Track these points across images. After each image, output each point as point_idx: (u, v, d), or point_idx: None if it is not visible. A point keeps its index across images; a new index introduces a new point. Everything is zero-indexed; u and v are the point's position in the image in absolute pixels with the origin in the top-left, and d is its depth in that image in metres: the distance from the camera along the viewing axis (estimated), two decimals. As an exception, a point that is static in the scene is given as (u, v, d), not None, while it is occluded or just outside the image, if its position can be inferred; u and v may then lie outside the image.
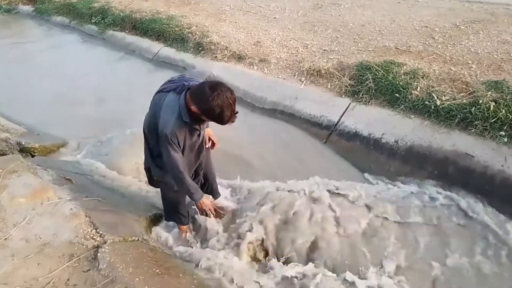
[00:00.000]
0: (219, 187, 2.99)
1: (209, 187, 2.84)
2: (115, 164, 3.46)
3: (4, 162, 2.84)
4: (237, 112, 1.98)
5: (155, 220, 2.86)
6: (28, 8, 10.31)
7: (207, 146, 2.54)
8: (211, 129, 2.55)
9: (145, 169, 2.56)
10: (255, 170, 3.50)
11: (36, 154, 3.74)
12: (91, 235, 2.30)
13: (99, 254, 2.13)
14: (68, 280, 1.98)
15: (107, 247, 2.19)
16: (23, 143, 3.76)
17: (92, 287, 1.93)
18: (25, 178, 2.70)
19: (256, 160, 3.65)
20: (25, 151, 3.70)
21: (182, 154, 2.17)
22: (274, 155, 3.70)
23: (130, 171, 3.41)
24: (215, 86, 1.91)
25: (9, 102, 5.10)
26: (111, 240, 2.28)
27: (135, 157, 3.50)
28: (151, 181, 2.61)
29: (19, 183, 2.63)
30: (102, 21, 7.65)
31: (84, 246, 2.21)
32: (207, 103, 1.89)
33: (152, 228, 2.77)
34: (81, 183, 2.98)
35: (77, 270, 2.04)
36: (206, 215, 2.64)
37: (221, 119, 1.95)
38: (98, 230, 2.36)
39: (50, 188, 2.67)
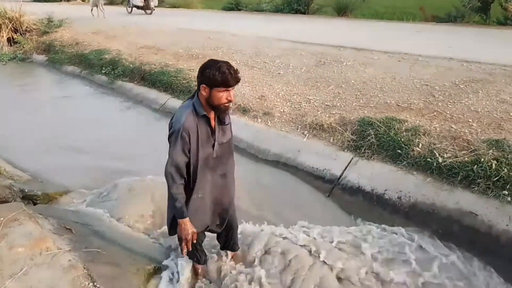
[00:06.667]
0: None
1: (230, 237, 2.68)
2: (119, 213, 3.38)
3: (5, 210, 2.82)
4: (237, 70, 2.11)
5: (154, 273, 2.77)
6: (42, 57, 10.73)
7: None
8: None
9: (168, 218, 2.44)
10: (255, 218, 3.37)
11: (38, 202, 3.70)
12: (88, 289, 2.24)
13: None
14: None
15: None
16: (26, 190, 3.74)
17: None
18: (26, 227, 2.67)
19: (255, 210, 3.57)
20: (27, 199, 3.68)
21: (196, 152, 2.18)
22: (276, 206, 3.65)
23: (135, 221, 3.35)
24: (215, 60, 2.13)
25: (15, 148, 5.13)
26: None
27: (141, 206, 3.48)
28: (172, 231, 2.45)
29: (19, 232, 2.60)
30: (112, 72, 7.94)
31: (80, 301, 2.16)
32: (208, 67, 2.07)
33: (152, 282, 2.68)
34: (81, 233, 2.93)
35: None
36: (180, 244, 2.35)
37: (223, 75, 2.04)
38: (95, 284, 2.31)
39: (50, 237, 2.64)
